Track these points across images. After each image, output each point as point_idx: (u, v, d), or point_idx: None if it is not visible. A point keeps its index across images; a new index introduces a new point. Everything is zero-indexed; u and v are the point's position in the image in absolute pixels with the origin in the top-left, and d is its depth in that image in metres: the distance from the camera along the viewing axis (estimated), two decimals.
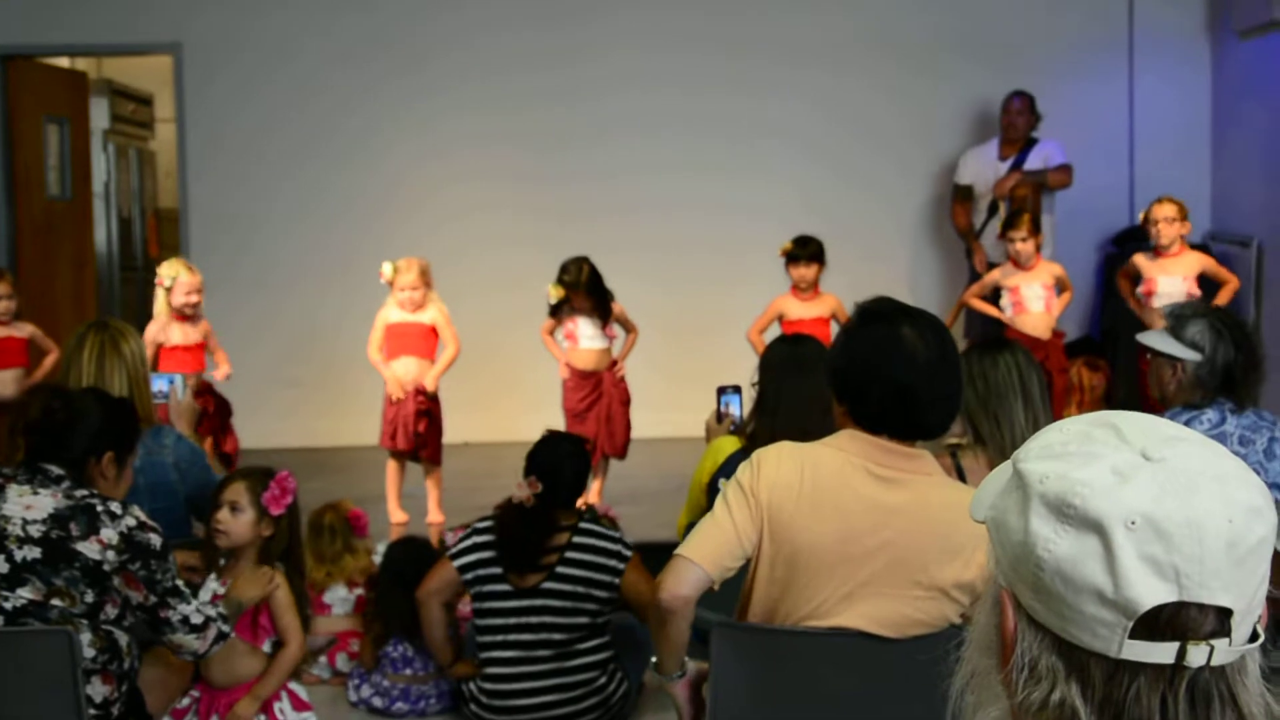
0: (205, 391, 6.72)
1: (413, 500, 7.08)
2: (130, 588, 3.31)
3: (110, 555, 3.25)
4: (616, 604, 4.57)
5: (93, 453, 3.45)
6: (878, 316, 2.93)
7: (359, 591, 5.68)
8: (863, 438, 2.87)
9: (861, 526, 2.81)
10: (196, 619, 3.43)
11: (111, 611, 3.32)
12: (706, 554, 2.81)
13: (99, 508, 3.30)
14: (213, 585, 4.01)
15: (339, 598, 5.67)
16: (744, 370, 6.23)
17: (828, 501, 2.82)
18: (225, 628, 3.53)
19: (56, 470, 3.37)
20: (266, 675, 4.00)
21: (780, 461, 2.87)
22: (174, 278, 6.59)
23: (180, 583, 3.43)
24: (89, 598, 3.25)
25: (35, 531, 3.24)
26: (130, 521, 3.31)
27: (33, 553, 3.23)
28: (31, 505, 3.28)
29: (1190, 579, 1.16)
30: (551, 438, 4.69)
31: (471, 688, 4.61)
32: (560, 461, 4.56)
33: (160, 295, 6.61)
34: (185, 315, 6.63)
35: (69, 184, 9.93)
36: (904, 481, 2.84)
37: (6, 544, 3.23)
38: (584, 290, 6.87)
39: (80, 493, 3.34)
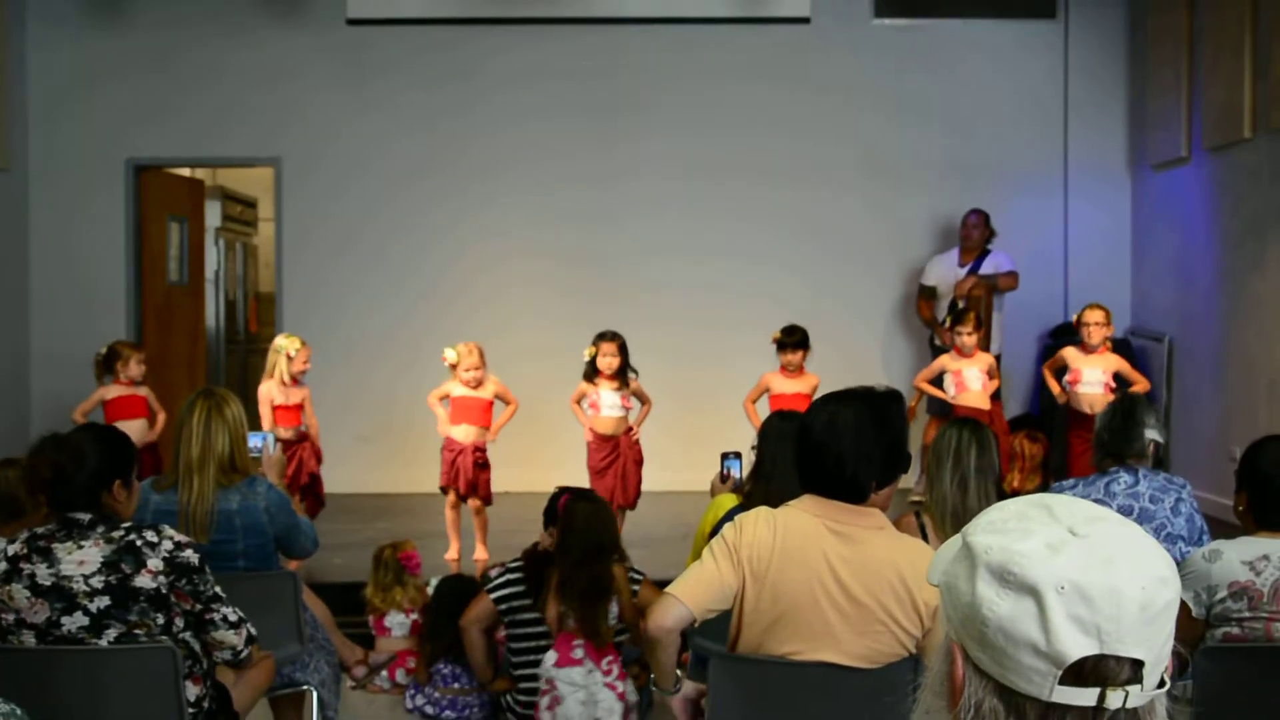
0: (304, 439, 6.85)
1: (465, 538, 7.07)
2: (180, 600, 3.18)
3: (161, 579, 3.13)
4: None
5: (104, 487, 3.23)
6: (825, 399, 2.94)
7: (415, 617, 5.68)
8: (819, 500, 2.87)
9: (825, 575, 2.80)
10: (234, 617, 3.29)
11: (179, 624, 3.21)
12: (691, 595, 2.81)
13: (138, 542, 3.13)
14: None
15: (398, 622, 5.69)
16: (740, 433, 6.22)
17: (796, 555, 2.82)
18: (254, 630, 3.37)
19: (85, 516, 3.16)
20: None
21: (757, 524, 2.87)
22: (297, 349, 6.72)
23: (218, 589, 3.26)
24: (160, 621, 3.15)
25: (98, 583, 3.09)
26: (168, 545, 3.16)
27: (103, 601, 3.09)
28: (84, 560, 3.09)
29: (1110, 635, 1.16)
30: (562, 493, 4.68)
31: (508, 699, 4.58)
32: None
33: (283, 362, 6.69)
34: (295, 380, 6.74)
35: (186, 271, 10.02)
36: (857, 535, 2.83)
37: (79, 600, 3.09)
38: (617, 347, 6.90)
39: (117, 534, 3.14)
